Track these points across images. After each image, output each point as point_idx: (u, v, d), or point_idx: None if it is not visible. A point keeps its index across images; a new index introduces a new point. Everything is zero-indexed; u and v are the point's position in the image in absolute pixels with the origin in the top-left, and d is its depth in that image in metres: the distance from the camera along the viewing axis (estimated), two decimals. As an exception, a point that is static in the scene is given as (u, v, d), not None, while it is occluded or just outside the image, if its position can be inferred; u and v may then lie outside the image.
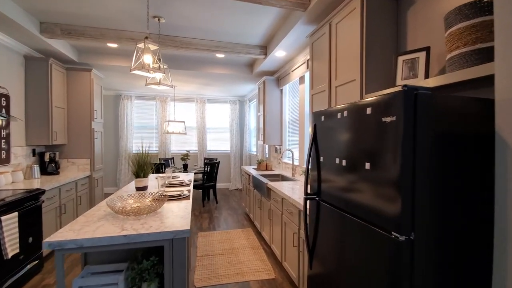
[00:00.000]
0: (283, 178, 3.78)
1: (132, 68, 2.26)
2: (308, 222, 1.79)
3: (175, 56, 4.24)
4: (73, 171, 4.03)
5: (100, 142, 4.46)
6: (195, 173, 5.28)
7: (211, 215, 4.65)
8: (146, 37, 2.28)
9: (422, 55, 1.58)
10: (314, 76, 2.55)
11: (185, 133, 5.71)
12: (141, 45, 2.27)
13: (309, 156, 1.66)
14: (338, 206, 1.39)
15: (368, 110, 1.12)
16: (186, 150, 5.74)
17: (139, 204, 1.89)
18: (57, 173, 3.79)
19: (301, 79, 3.60)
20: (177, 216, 1.72)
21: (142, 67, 2.18)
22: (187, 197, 2.23)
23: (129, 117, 6.52)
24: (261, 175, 3.85)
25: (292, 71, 3.85)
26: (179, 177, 3.40)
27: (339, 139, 1.39)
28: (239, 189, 7.10)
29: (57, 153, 3.86)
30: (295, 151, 3.95)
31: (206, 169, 5.20)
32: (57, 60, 3.86)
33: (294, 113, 4.06)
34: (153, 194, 2.05)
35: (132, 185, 2.80)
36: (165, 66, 2.88)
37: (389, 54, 1.85)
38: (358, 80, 1.83)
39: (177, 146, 6.97)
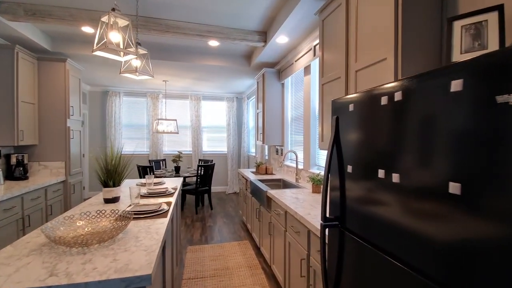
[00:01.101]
0: (285, 184, 3.29)
1: (94, 48, 1.76)
2: (326, 255, 1.29)
3: (163, 46, 3.75)
4: (44, 175, 3.53)
5: (78, 142, 3.96)
6: (188, 177, 4.78)
7: (204, 224, 4.15)
8: (113, 9, 1.79)
9: (492, 17, 1.09)
10: (325, 62, 2.06)
11: (177, 133, 5.22)
12: (105, 19, 1.77)
13: (329, 163, 1.15)
14: (377, 244, 0.90)
15: (457, 85, 0.63)
16: (178, 151, 5.25)
17: (91, 228, 1.40)
18: (26, 178, 3.30)
19: (306, 70, 3.11)
20: (140, 247, 1.23)
21: (106, 46, 1.68)
22: (164, 214, 1.73)
23: (117, 115, 6.02)
24: (260, 180, 3.36)
25: (295, 61, 3.36)
26: (164, 183, 2.91)
27: (383, 138, 0.89)
28: (236, 193, 6.60)
29: (25, 155, 3.36)
30: (299, 152, 3.46)
31: (199, 172, 4.71)
32: (25, 49, 3.37)
33: (297, 110, 3.57)
34: (116, 212, 1.56)
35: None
36: (143, 51, 2.38)
37: (435, 20, 1.36)
38: (391, 58, 1.34)
39: (170, 147, 6.47)
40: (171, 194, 2.34)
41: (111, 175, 2.02)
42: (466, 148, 0.60)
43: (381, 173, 0.88)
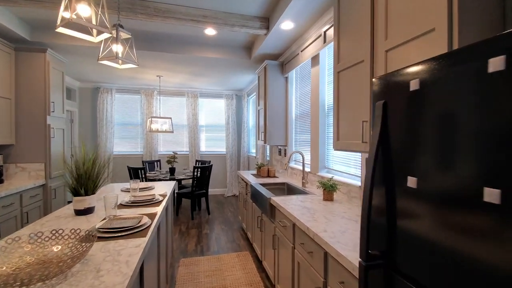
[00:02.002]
0: (290, 189, 2.93)
1: (57, 24, 1.41)
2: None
3: (156, 35, 3.39)
4: (22, 178, 3.17)
5: (60, 141, 3.60)
6: (183, 179, 4.43)
7: (200, 232, 3.80)
8: (81, -25, 1.44)
9: None
10: (341, 45, 1.72)
11: (172, 131, 4.86)
12: (70, -14, 1.42)
13: (372, 173, 0.79)
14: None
15: None
16: (173, 152, 4.89)
17: (34, 258, 1.04)
18: (0, 181, 2.94)
19: (314, 60, 2.76)
20: (100, 286, 0.88)
21: (71, 19, 1.33)
22: (143, 231, 1.38)
23: (109, 113, 5.66)
24: (262, 184, 3.01)
25: (301, 51, 3.01)
26: (152, 188, 2.55)
27: (484, 135, 0.54)
28: (235, 196, 6.25)
29: (0, 156, 3.00)
30: (305, 153, 3.11)
31: (196, 174, 4.35)
32: (0, 38, 3.01)
33: (303, 106, 3.22)
34: (77, 232, 1.21)
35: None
36: (126, 35, 2.03)
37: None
38: (443, 28, 0.99)
39: (165, 147, 6.12)
40: (158, 203, 1.99)
41: (82, 182, 1.66)
42: None
43: (487, 194, 0.52)
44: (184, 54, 3.63)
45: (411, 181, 0.68)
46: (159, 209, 1.83)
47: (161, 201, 2.05)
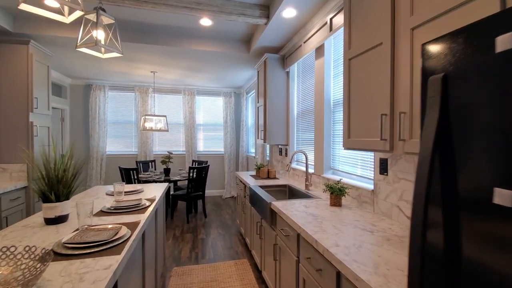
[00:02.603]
0: (292, 192, 2.70)
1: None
2: None
3: (147, 26, 3.16)
4: (3, 180, 2.94)
5: (45, 140, 3.36)
6: (178, 181, 4.19)
7: (196, 237, 3.57)
8: None
9: None
10: (353, 28, 1.49)
11: (167, 130, 4.63)
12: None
13: (428, 182, 0.55)
14: None
15: None
16: (168, 152, 4.65)
17: None
18: (-23, 183, 2.70)
19: (318, 51, 2.53)
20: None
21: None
22: (119, 246, 1.15)
23: (102, 111, 5.42)
24: (262, 186, 2.78)
25: (304, 43, 2.78)
26: (141, 191, 2.32)
27: None
28: (234, 197, 6.02)
29: (-23, 156, 2.76)
30: (309, 153, 2.88)
31: (191, 175, 4.12)
32: (-23, 27, 2.78)
33: (306, 102, 2.99)
34: (32, 250, 0.98)
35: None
36: (109, 20, 1.79)
37: None
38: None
39: (161, 146, 5.88)
40: (143, 209, 1.76)
41: (53, 185, 1.43)
42: None
43: None
44: (179, 47, 3.40)
45: (503, 196, 0.45)
46: (143, 217, 1.60)
47: (148, 206, 1.82)
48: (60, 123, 5.20)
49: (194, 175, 4.22)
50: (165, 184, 2.72)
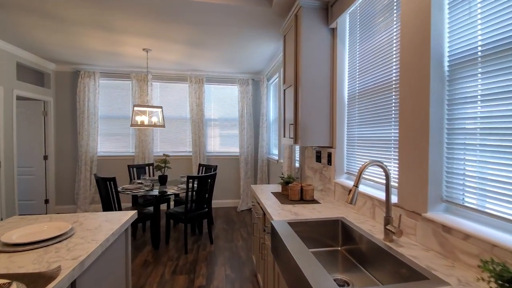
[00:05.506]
0: (350, 237, 1.44)
1: None
2: None
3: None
4: None
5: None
6: (171, 195, 3.07)
7: (192, 281, 2.42)
8: None
9: None
10: None
11: (163, 126, 3.55)
12: None
13: None
14: None
15: None
16: (164, 154, 3.55)
17: None
18: None
19: (414, -40, 1.23)
20: None
21: None
22: None
23: (92, 103, 4.47)
24: (294, 223, 1.54)
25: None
26: (56, 240, 1.19)
27: None
28: (251, 210, 4.82)
29: None
30: (389, 165, 1.58)
31: (192, 186, 2.98)
32: None
33: (370, 75, 1.71)
34: None
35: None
36: None
37: None
38: None
39: (163, 146, 4.84)
40: None
41: None
42: None
43: None
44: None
45: None
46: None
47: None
48: (43, 118, 4.31)
49: (196, 186, 3.09)
50: (128, 214, 1.58)
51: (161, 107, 3.59)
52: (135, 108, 3.46)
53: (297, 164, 3.06)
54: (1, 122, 3.32)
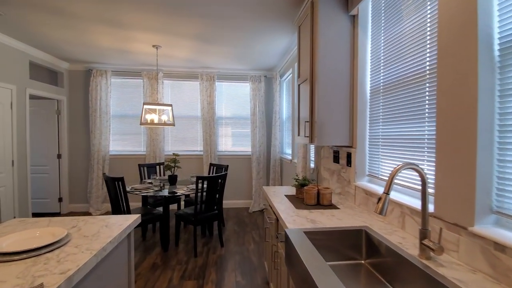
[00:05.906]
0: (377, 251, 1.26)
1: None
2: None
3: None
4: None
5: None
6: (179, 196, 2.96)
7: (202, 285, 2.30)
8: None
9: None
10: None
11: (173, 125, 3.46)
12: None
13: None
14: None
15: None
16: (174, 153, 3.46)
17: None
18: None
19: None
20: None
21: None
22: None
23: (104, 102, 4.46)
24: (310, 232, 1.37)
25: None
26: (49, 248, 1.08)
27: None
28: (263, 211, 4.67)
29: None
30: (422, 167, 1.39)
31: (202, 187, 2.86)
32: None
33: (396, 66, 1.51)
34: None
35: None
36: None
37: None
38: None
39: (174, 146, 4.77)
40: None
41: None
42: None
43: None
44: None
45: None
46: None
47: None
48: (56, 116, 4.34)
49: (205, 187, 2.97)
50: (129, 219, 1.47)
51: (171, 105, 3.50)
52: (145, 106, 3.39)
53: (312, 165, 2.88)
54: (14, 121, 3.34)
